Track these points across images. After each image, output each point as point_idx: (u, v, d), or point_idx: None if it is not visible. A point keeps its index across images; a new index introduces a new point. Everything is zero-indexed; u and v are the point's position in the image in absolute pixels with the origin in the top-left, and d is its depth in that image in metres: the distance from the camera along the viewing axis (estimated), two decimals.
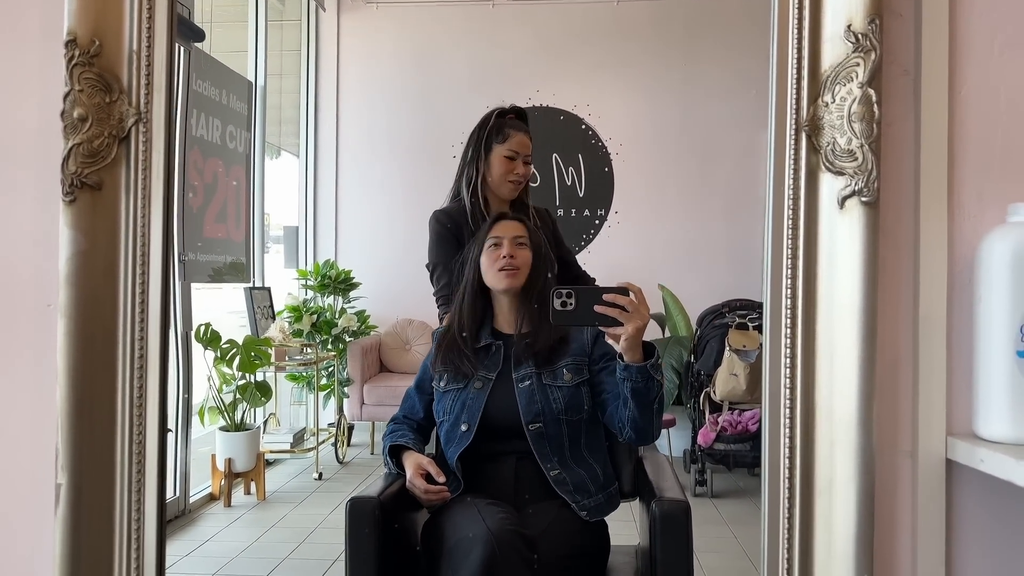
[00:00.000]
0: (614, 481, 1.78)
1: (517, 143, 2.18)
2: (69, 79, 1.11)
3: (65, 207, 1.12)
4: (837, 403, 1.04)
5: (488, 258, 1.76)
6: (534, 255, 1.77)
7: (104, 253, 1.12)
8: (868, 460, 1.03)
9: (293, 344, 4.31)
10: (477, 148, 2.20)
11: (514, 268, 1.73)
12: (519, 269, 1.74)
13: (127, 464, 1.12)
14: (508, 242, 1.75)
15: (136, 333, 1.11)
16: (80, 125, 1.10)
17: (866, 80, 1.02)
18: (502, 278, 1.74)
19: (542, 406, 1.68)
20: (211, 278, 3.87)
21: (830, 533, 1.04)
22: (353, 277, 4.92)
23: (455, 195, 2.24)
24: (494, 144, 2.18)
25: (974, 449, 1.00)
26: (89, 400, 1.11)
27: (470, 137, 2.23)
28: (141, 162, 1.11)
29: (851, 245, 1.03)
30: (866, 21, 1.02)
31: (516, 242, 1.76)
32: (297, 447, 4.21)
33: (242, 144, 4.13)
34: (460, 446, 1.68)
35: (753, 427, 3.78)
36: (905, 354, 1.07)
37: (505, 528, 1.47)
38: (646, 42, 5.16)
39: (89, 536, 1.13)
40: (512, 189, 2.20)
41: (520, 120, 2.25)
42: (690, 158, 5.13)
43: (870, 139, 1.02)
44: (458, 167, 2.25)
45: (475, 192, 2.18)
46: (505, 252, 1.73)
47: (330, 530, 3.37)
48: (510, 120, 2.22)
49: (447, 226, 2.18)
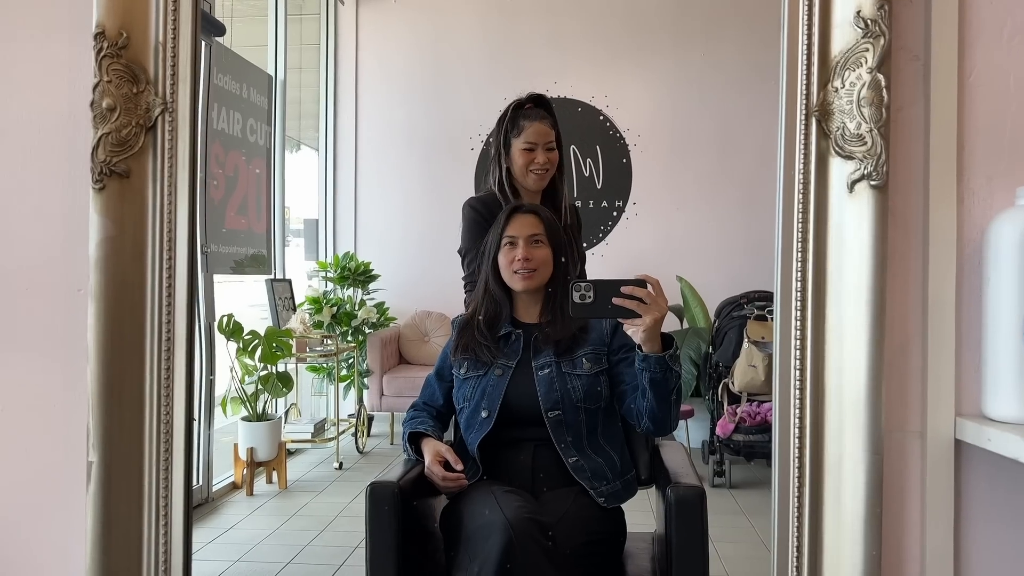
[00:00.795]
0: (631, 468, 1.80)
1: (532, 133, 2.16)
2: (98, 70, 1.14)
3: (94, 194, 1.15)
4: (847, 384, 1.06)
5: (504, 258, 1.75)
6: (554, 251, 1.76)
7: (132, 239, 1.16)
8: (877, 440, 1.05)
9: (314, 335, 4.36)
10: (498, 144, 2.21)
11: (530, 271, 1.73)
12: (536, 271, 1.74)
13: (155, 443, 1.16)
14: (523, 242, 1.74)
15: (164, 316, 1.15)
16: (109, 115, 1.14)
17: (875, 65, 1.03)
18: (518, 280, 1.74)
19: (561, 394, 1.70)
20: (233, 270, 3.92)
21: (839, 511, 1.06)
22: (372, 269, 4.96)
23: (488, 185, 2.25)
24: (511, 139, 2.18)
25: (982, 429, 1.02)
26: (119, 381, 1.16)
27: (494, 132, 2.23)
28: (167, 151, 1.15)
29: (860, 228, 1.05)
30: (875, 7, 1.04)
31: (532, 241, 1.74)
32: (318, 437, 4.26)
33: (262, 137, 4.18)
34: (480, 432, 1.71)
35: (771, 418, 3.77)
36: (914, 335, 1.09)
37: (522, 516, 1.49)
38: (664, 33, 5.15)
39: (119, 513, 1.17)
40: (537, 179, 2.19)
41: (540, 108, 2.22)
42: (708, 149, 5.13)
43: (879, 124, 1.03)
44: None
45: (502, 186, 2.19)
46: (520, 255, 1.73)
47: (350, 518, 3.41)
48: (527, 111, 2.21)
49: (481, 213, 2.19)
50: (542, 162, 2.17)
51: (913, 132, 1.09)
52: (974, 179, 1.08)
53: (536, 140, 2.17)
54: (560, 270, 1.77)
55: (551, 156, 2.18)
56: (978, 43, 1.08)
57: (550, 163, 2.18)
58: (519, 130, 2.18)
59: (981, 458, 1.07)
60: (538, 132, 2.17)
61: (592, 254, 5.25)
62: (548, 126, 2.19)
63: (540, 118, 2.19)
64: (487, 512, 1.52)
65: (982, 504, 1.08)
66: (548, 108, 2.24)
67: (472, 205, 2.23)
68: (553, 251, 1.77)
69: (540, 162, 2.17)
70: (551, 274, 1.76)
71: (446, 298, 2.22)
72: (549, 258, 1.76)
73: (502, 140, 2.20)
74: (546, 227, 1.77)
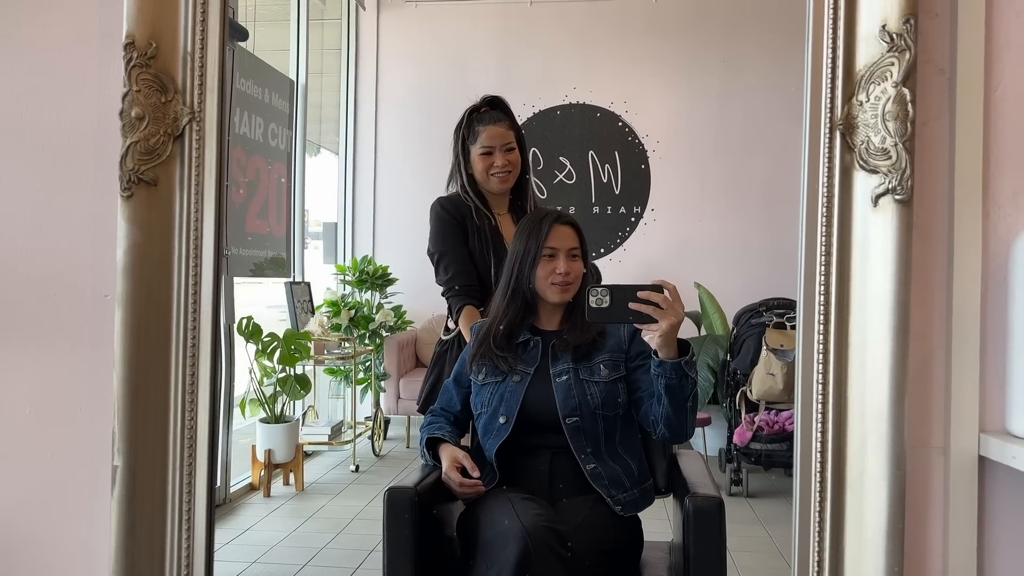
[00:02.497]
0: (649, 477, 1.79)
1: (488, 137, 2.14)
2: (127, 80, 1.16)
3: (122, 202, 1.17)
4: (869, 398, 1.05)
5: (543, 269, 1.74)
6: (584, 264, 1.78)
7: (159, 246, 1.17)
8: (899, 455, 1.04)
9: (331, 338, 4.38)
10: (456, 152, 2.20)
11: (568, 284, 1.74)
12: (572, 284, 1.74)
13: (179, 448, 1.17)
14: (564, 256, 1.74)
15: (189, 323, 1.16)
16: (138, 124, 1.16)
17: (900, 79, 1.03)
18: (556, 292, 1.74)
19: (579, 400, 1.70)
20: (253, 273, 3.95)
21: (861, 526, 1.05)
22: (390, 273, 4.98)
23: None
24: (469, 146, 2.17)
25: (1006, 446, 1.01)
26: (144, 386, 1.17)
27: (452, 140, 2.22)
28: (195, 159, 1.17)
29: (884, 243, 1.04)
30: (901, 21, 1.03)
31: (571, 255, 1.75)
32: (335, 439, 4.28)
33: (283, 142, 4.21)
34: (499, 439, 1.71)
35: (790, 427, 3.76)
36: (938, 350, 1.08)
37: (539, 524, 1.49)
38: (683, 39, 5.15)
39: (143, 516, 1.18)
40: (499, 182, 2.17)
41: (495, 110, 2.19)
42: (727, 155, 5.11)
43: (904, 138, 1.03)
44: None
45: (465, 191, 2.18)
46: (562, 269, 1.72)
47: (366, 521, 3.43)
48: (482, 114, 2.18)
49: (451, 213, 2.18)
50: (501, 164, 2.14)
51: (938, 146, 1.08)
52: (1000, 193, 1.08)
53: (492, 143, 2.14)
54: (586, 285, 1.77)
55: (510, 158, 2.16)
56: (1005, 57, 1.08)
57: (511, 165, 2.16)
58: (475, 135, 2.15)
59: (1005, 475, 1.06)
60: (493, 135, 2.14)
61: (610, 260, 5.24)
62: (505, 128, 2.16)
63: (495, 121, 2.15)
64: (504, 520, 1.52)
65: (1006, 522, 1.07)
66: (505, 110, 2.21)
67: (442, 205, 2.21)
68: (584, 265, 1.78)
69: (499, 165, 2.14)
70: (580, 288, 1.76)
71: None
72: (581, 272, 1.76)
73: (460, 147, 2.19)
74: (580, 240, 1.78)
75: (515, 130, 2.19)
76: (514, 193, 2.25)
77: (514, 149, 2.18)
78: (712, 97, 5.13)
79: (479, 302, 2.13)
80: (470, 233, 2.17)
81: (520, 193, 2.25)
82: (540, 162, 5.26)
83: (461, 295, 2.17)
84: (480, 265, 2.18)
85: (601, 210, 5.30)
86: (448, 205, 2.21)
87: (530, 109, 5.17)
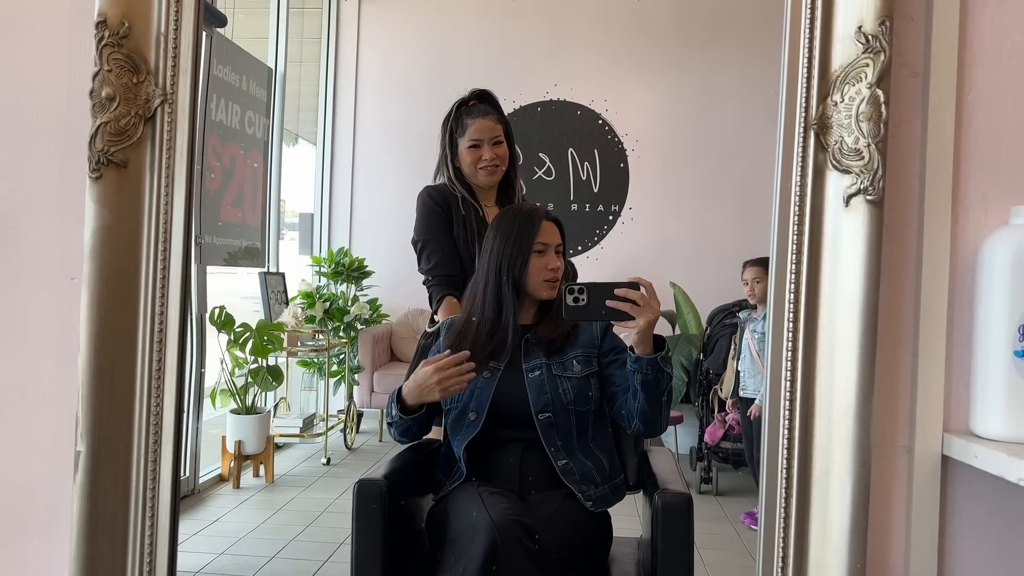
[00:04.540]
0: (620, 472, 1.80)
1: (476, 130, 2.14)
2: (98, 59, 1.14)
3: (91, 183, 1.15)
4: (836, 397, 1.06)
5: (535, 265, 1.73)
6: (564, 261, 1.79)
7: (127, 229, 1.15)
8: (865, 453, 1.05)
9: (305, 330, 4.35)
10: (444, 145, 2.19)
11: (556, 280, 1.75)
12: (559, 280, 1.75)
13: (144, 434, 1.15)
14: (553, 251, 1.74)
15: (157, 307, 1.15)
16: (108, 104, 1.14)
17: (875, 81, 1.04)
18: (546, 288, 1.74)
19: (551, 396, 1.70)
20: (226, 261, 3.91)
21: (825, 524, 1.06)
22: (367, 265, 4.96)
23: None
24: (457, 138, 2.17)
25: (969, 445, 1.02)
26: (110, 371, 1.15)
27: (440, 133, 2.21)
28: (166, 142, 1.15)
29: (855, 242, 1.05)
30: (877, 23, 1.04)
31: (557, 250, 1.76)
32: (306, 432, 4.25)
33: (260, 130, 4.17)
34: (467, 435, 1.70)
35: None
36: (905, 351, 1.09)
37: (508, 517, 1.49)
38: (665, 39, 5.17)
39: (105, 503, 1.16)
40: (487, 175, 2.17)
41: (484, 103, 2.19)
42: (706, 156, 5.14)
43: (877, 139, 1.04)
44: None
45: (453, 184, 2.18)
46: (553, 264, 1.73)
47: (337, 514, 3.41)
48: (470, 107, 2.18)
49: (438, 202, 2.18)
50: (489, 158, 2.14)
51: (910, 148, 1.09)
52: (969, 197, 1.09)
53: (481, 136, 2.14)
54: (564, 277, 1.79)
55: (498, 151, 2.16)
56: (978, 62, 1.09)
57: (498, 158, 2.16)
58: (463, 128, 2.15)
59: (967, 475, 1.08)
60: (482, 128, 2.14)
61: (587, 257, 5.26)
62: (493, 121, 2.16)
63: (484, 114, 2.16)
64: (473, 513, 1.52)
65: (967, 520, 1.09)
66: (493, 103, 2.21)
67: (429, 193, 2.21)
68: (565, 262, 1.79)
69: (487, 158, 2.14)
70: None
71: None
72: (564, 268, 1.77)
73: (447, 140, 2.19)
74: (562, 235, 1.79)
75: (504, 124, 2.19)
76: (501, 187, 2.24)
77: (502, 143, 2.18)
78: (691, 98, 5.16)
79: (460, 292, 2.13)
80: (455, 223, 2.17)
81: (507, 187, 2.25)
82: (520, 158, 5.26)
83: (443, 285, 2.17)
84: (464, 255, 2.17)
85: (580, 208, 5.31)
86: (435, 194, 2.20)
87: (511, 104, 5.17)
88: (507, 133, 2.20)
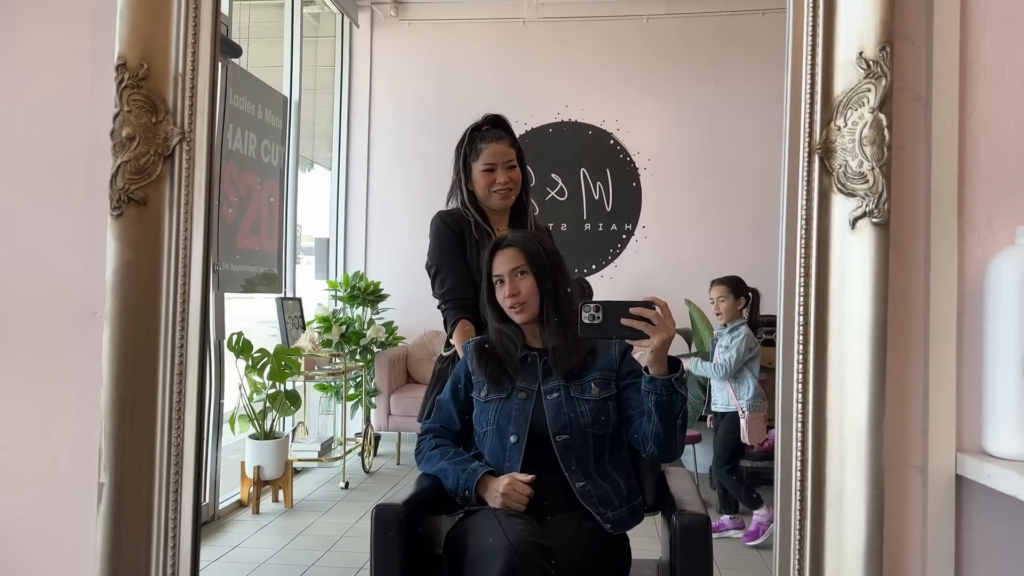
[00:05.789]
0: (638, 495, 1.79)
1: (490, 154, 2.18)
2: (119, 100, 1.18)
3: (112, 221, 1.18)
4: (848, 418, 1.07)
5: (498, 296, 1.79)
6: (538, 280, 1.76)
7: (148, 264, 1.18)
8: (878, 474, 1.05)
9: (322, 354, 4.38)
10: (458, 169, 2.23)
11: (521, 303, 1.75)
12: (527, 302, 1.75)
13: (166, 465, 1.17)
14: (508, 277, 1.76)
15: (177, 340, 1.17)
16: (128, 144, 1.17)
17: (877, 105, 1.05)
18: (513, 315, 1.77)
19: (569, 418, 1.70)
20: (244, 288, 3.95)
21: (840, 545, 1.06)
22: (382, 288, 4.99)
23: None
24: (471, 163, 2.21)
25: (982, 465, 1.02)
26: (131, 403, 1.18)
27: (454, 157, 2.25)
28: (184, 179, 1.18)
29: (862, 265, 1.06)
30: (878, 48, 1.06)
31: (517, 274, 1.76)
32: (324, 456, 4.27)
33: (276, 158, 4.23)
34: (515, 458, 1.71)
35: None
36: (915, 371, 1.10)
37: (525, 539, 1.49)
38: (674, 57, 5.20)
39: (128, 534, 1.19)
40: (500, 199, 2.20)
41: (497, 128, 2.23)
42: (718, 173, 5.15)
43: (881, 162, 1.05)
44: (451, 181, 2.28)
45: (466, 207, 2.22)
46: (508, 292, 1.75)
47: (356, 539, 3.42)
48: (484, 132, 2.22)
49: (450, 226, 2.21)
50: (503, 181, 2.18)
51: (915, 170, 1.10)
52: (975, 216, 1.10)
53: (495, 160, 2.18)
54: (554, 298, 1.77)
55: (512, 175, 2.20)
56: (979, 84, 1.10)
57: (512, 182, 2.20)
58: (477, 152, 2.19)
59: (982, 494, 1.08)
60: (496, 152, 2.18)
61: (601, 276, 5.26)
62: (507, 145, 2.20)
63: (497, 138, 2.20)
64: (490, 537, 1.52)
65: (983, 540, 1.09)
66: (506, 128, 2.25)
67: (442, 218, 2.25)
68: (537, 281, 1.76)
69: (501, 181, 2.18)
70: (543, 303, 1.76)
71: None
72: (535, 287, 1.76)
73: (461, 164, 2.22)
74: (528, 258, 1.77)
75: (516, 148, 2.23)
76: (514, 210, 2.28)
77: (515, 167, 2.22)
78: (702, 116, 5.17)
79: (474, 316, 2.15)
80: (468, 247, 2.20)
81: (519, 210, 2.28)
82: (532, 179, 5.29)
83: (457, 308, 2.19)
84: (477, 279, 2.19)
85: (592, 227, 5.32)
86: (448, 218, 2.24)
87: (522, 127, 5.21)
88: (520, 157, 2.24)
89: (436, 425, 1.87)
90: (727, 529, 3.53)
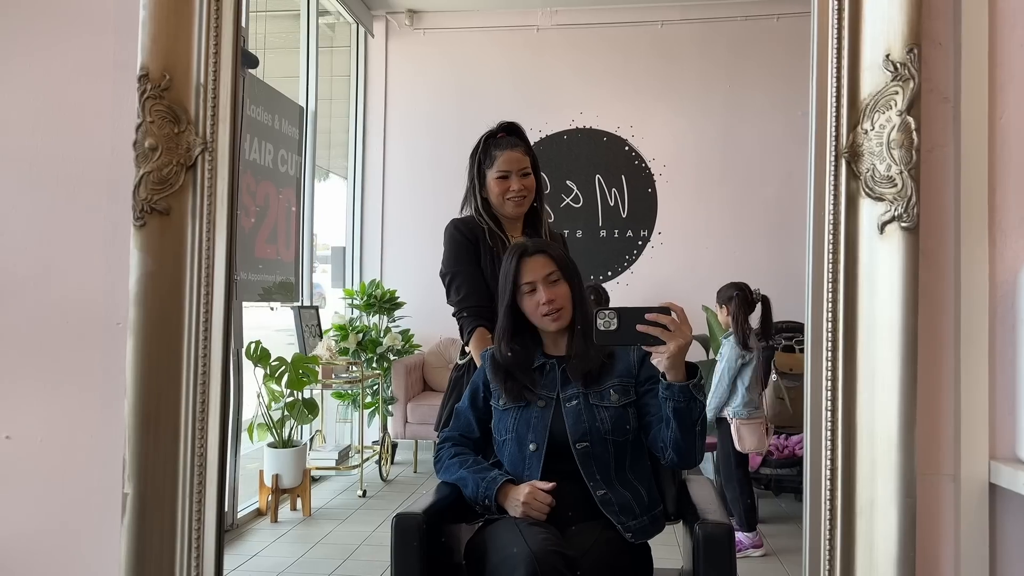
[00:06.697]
0: (659, 503, 1.78)
1: (504, 161, 2.18)
2: (141, 111, 1.18)
3: (135, 231, 1.19)
4: (878, 425, 1.05)
5: (529, 304, 1.75)
6: (571, 286, 1.76)
7: (171, 274, 1.18)
8: (910, 482, 1.04)
9: (339, 362, 4.38)
10: (472, 176, 2.24)
11: (558, 310, 1.74)
12: (563, 308, 1.74)
13: (189, 475, 1.17)
14: (542, 284, 1.74)
15: (200, 350, 1.17)
16: (151, 154, 1.18)
17: (905, 108, 1.04)
18: (549, 322, 1.74)
19: (589, 426, 1.69)
20: (261, 297, 3.97)
21: (871, 554, 1.05)
22: (398, 296, 4.99)
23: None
24: (485, 170, 2.21)
25: (1017, 473, 1.00)
26: (155, 414, 1.18)
27: (468, 164, 2.26)
28: (207, 189, 1.18)
29: (891, 269, 1.05)
30: (905, 50, 1.04)
31: (550, 281, 1.74)
32: (342, 464, 4.27)
33: (292, 167, 4.25)
34: (535, 466, 1.69)
35: (800, 452, 3.73)
36: (947, 377, 1.08)
37: (547, 548, 1.48)
38: (688, 63, 5.18)
39: (152, 544, 1.19)
40: (515, 206, 2.21)
41: (511, 135, 2.24)
42: (734, 179, 5.12)
43: (909, 165, 1.03)
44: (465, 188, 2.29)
45: (480, 214, 2.22)
46: (544, 298, 1.73)
47: (374, 547, 3.41)
48: (498, 140, 2.23)
49: (465, 235, 2.21)
50: (517, 189, 2.18)
51: (944, 173, 1.09)
52: (1006, 220, 1.08)
53: (509, 168, 2.18)
54: (583, 304, 1.77)
55: (526, 182, 2.20)
56: (1008, 86, 1.08)
57: (526, 189, 2.20)
58: (492, 160, 2.20)
59: (1017, 502, 1.06)
60: (510, 160, 2.18)
61: (617, 283, 5.25)
62: (521, 153, 2.20)
63: (512, 146, 2.20)
64: (513, 547, 1.51)
65: (1018, 550, 1.07)
66: (521, 135, 2.26)
67: (456, 226, 2.24)
68: (571, 287, 1.77)
69: (515, 189, 2.18)
70: (576, 309, 1.76)
71: None
72: (569, 294, 1.76)
73: (476, 171, 2.23)
74: (558, 264, 1.77)
75: (531, 156, 2.24)
76: (528, 218, 2.28)
77: (530, 174, 2.22)
78: (718, 121, 5.16)
79: (490, 323, 2.14)
80: (483, 254, 2.20)
81: (534, 217, 2.28)
82: (547, 186, 5.29)
83: (473, 316, 2.18)
84: (492, 286, 2.19)
85: (608, 233, 5.31)
86: (462, 226, 2.24)
87: (537, 134, 5.20)
88: (534, 164, 2.25)
89: (455, 433, 1.86)
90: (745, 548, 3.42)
